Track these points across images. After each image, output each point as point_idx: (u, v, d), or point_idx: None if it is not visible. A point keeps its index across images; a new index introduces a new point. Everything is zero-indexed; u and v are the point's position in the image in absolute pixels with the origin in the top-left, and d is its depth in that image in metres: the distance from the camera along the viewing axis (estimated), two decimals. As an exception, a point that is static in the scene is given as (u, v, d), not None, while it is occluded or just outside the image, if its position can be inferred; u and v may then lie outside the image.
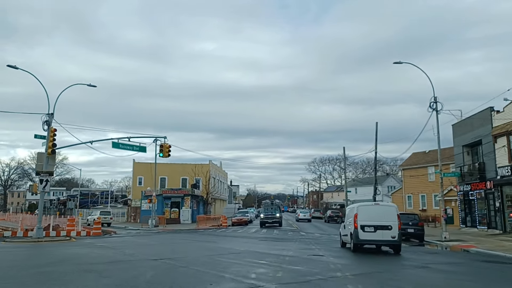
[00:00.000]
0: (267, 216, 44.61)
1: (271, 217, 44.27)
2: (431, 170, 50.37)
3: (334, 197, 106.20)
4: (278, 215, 44.89)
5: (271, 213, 44.97)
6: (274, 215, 44.58)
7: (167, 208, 54.45)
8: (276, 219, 44.17)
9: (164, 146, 28.06)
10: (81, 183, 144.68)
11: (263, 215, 45.48)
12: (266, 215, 44.90)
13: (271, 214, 44.73)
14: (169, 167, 68.85)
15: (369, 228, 17.77)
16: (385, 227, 17.75)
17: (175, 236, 30.46)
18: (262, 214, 46.84)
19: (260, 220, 45.60)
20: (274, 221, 43.96)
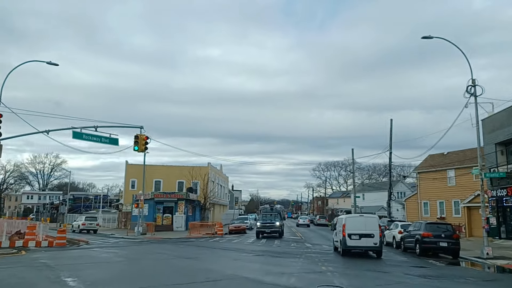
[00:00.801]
0: (265, 225, 36.13)
1: (270, 226, 35.75)
2: (451, 173, 44.66)
3: (340, 203, 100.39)
4: (278, 223, 36.11)
5: (269, 221, 36.26)
6: (273, 223, 35.88)
7: (159, 213, 48.94)
8: (276, 229, 35.75)
9: (140, 138, 22.58)
10: (82, 188, 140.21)
11: (260, 223, 36.92)
12: (264, 224, 36.38)
13: (269, 223, 36.04)
14: (164, 169, 63.54)
15: (355, 236, 20.68)
16: (368, 235, 20.62)
17: (155, 248, 24.97)
18: (258, 222, 37.86)
19: (256, 230, 37.19)
20: (273, 231, 35.66)
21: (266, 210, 42.34)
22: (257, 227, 36.89)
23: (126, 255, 19.45)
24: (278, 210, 43.96)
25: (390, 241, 28.76)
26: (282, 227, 37.72)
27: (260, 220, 38.44)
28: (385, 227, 32.00)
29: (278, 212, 40.88)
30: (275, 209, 44.48)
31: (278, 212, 40.88)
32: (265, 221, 36.81)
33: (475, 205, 36.27)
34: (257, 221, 39.69)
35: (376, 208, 74.97)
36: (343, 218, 22.29)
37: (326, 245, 28.48)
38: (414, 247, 23.06)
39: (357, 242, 20.73)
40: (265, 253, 22.03)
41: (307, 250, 24.35)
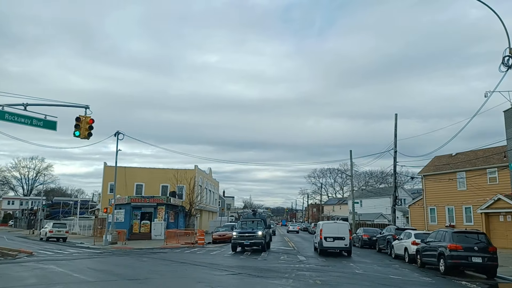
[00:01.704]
0: (243, 235, 26.90)
1: (250, 237, 26.66)
2: (461, 176, 39.38)
3: (335, 211, 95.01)
4: (260, 233, 26.84)
5: (250, 230, 27.25)
6: (254, 233, 26.82)
7: (136, 220, 43.30)
8: (257, 240, 26.56)
9: (83, 122, 16.99)
10: (70, 194, 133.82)
11: (236, 233, 27.31)
12: (242, 234, 27.06)
13: (249, 232, 26.97)
14: (147, 172, 58.04)
15: (330, 239, 25.53)
16: (340, 238, 25.45)
17: (105, 264, 19.51)
18: (235, 231, 28.20)
19: (232, 241, 27.56)
20: (254, 243, 26.67)
21: (247, 216, 33.21)
22: (233, 238, 27.23)
23: (46, 275, 13.96)
24: (262, 216, 32.21)
25: (401, 253, 23.36)
26: (266, 238, 28.55)
27: (237, 228, 28.89)
28: (392, 237, 26.58)
29: (262, 218, 30.48)
30: (259, 214, 33.33)
31: (262, 218, 30.48)
32: (244, 230, 27.71)
33: (495, 211, 31.02)
34: (233, 230, 29.86)
35: (374, 216, 69.54)
36: (320, 224, 27.82)
37: (324, 259, 22.98)
38: (436, 263, 17.67)
39: (331, 243, 25.55)
40: (244, 270, 16.58)
41: (299, 266, 18.89)
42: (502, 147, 37.56)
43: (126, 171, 54.80)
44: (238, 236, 26.88)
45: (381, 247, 29.61)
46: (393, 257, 25.02)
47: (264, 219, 31.19)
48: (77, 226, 58.41)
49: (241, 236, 26.83)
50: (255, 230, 27.10)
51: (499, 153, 36.67)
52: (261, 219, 30.31)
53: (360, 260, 23.10)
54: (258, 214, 34.03)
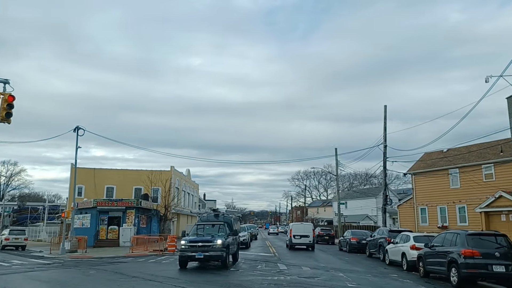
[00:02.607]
0: (194, 244, 18.54)
1: (204, 247, 18.33)
2: (454, 173, 36.29)
3: (320, 213, 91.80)
4: (220, 241, 18.40)
5: (206, 238, 18.90)
6: (211, 242, 18.41)
7: (103, 225, 39.10)
8: (216, 252, 18.24)
9: (1, 99, 13.01)
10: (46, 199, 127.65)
11: (186, 242, 18.81)
12: (194, 242, 18.70)
13: (204, 241, 18.61)
14: (119, 174, 53.66)
15: (297, 237, 32.07)
16: (305, 236, 31.91)
17: (37, 280, 15.57)
18: (183, 240, 19.32)
19: (179, 254, 19.37)
20: (211, 256, 18.35)
21: (206, 218, 22.30)
22: (181, 249, 18.99)
23: None
24: (227, 219, 22.12)
25: (397, 259, 19.91)
26: (231, 249, 19.77)
27: (190, 235, 20.14)
28: (386, 240, 23.13)
29: (226, 222, 21.47)
30: (223, 216, 22.64)
31: (226, 222, 21.47)
32: (199, 237, 19.22)
33: (496, 209, 27.84)
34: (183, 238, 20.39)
35: (360, 217, 66.40)
36: (290, 225, 35.87)
37: (307, 268, 19.33)
38: (445, 272, 14.26)
39: (298, 240, 31.85)
40: (208, 286, 12.84)
41: (278, 278, 15.26)
42: (498, 141, 34.66)
43: (96, 173, 50.54)
44: (187, 246, 18.32)
45: (372, 252, 26.21)
46: (387, 263, 21.58)
47: (229, 222, 21.53)
48: (44, 232, 53.72)
49: (192, 246, 18.24)
50: (213, 238, 18.40)
51: (495, 145, 33.76)
52: (225, 222, 21.19)
53: (351, 268, 19.57)
54: (222, 215, 22.63)
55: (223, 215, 22.83)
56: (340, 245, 33.93)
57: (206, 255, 18.22)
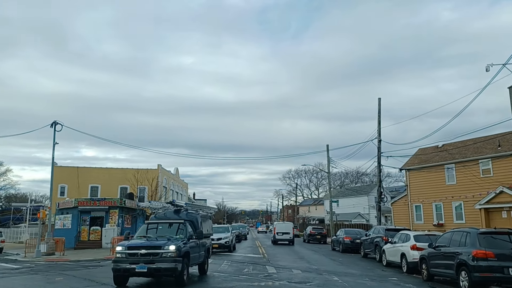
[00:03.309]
0: (136, 252, 12.60)
1: (150, 255, 12.44)
2: (450, 169, 34.79)
3: (311, 211, 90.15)
4: (173, 247, 12.55)
5: (156, 243, 12.94)
6: (160, 249, 12.54)
7: (85, 226, 37.02)
8: (166, 263, 12.35)
9: None
10: (34, 199, 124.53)
11: (123, 248, 12.92)
12: (134, 248, 12.73)
13: (149, 248, 12.64)
14: (104, 172, 51.52)
15: (280, 233, 38.37)
16: (286, 233, 38.27)
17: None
18: (119, 246, 13.35)
19: (112, 267, 12.94)
20: (158, 269, 12.32)
21: (163, 215, 16.32)
22: (115, 260, 13.17)
23: None
24: (191, 216, 15.95)
25: (396, 260, 18.20)
26: (192, 258, 13.96)
27: (134, 238, 14.55)
28: (382, 239, 21.44)
29: (189, 220, 15.53)
30: (186, 212, 16.16)
31: (189, 220, 15.53)
32: (144, 241, 13.63)
33: (496, 206, 26.33)
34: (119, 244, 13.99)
35: (352, 216, 64.86)
36: (274, 224, 45.20)
37: (298, 271, 17.53)
38: (454, 276, 12.58)
39: (281, 236, 38.19)
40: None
41: (265, 284, 13.47)
42: (495, 135, 33.26)
43: (80, 171, 48.36)
44: (124, 255, 12.67)
45: (367, 252, 24.52)
46: (384, 264, 19.89)
47: (193, 220, 15.50)
48: (26, 234, 51.33)
49: (132, 254, 12.55)
50: (164, 243, 12.72)
51: (492, 139, 32.32)
52: (188, 220, 15.16)
53: (345, 270, 17.84)
54: (185, 211, 16.15)
55: (186, 211, 16.00)
56: (332, 245, 32.24)
57: (151, 268, 12.11)
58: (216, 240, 26.45)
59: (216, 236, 26.23)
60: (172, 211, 16.23)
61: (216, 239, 26.19)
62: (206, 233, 17.04)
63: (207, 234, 17.27)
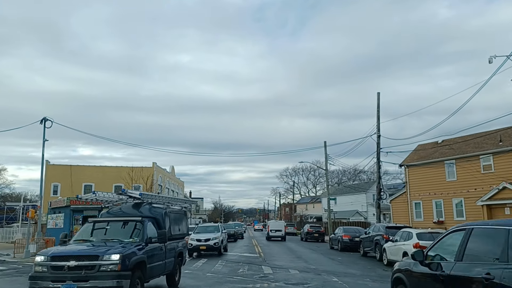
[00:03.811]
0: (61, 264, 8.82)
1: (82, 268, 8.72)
2: (450, 165, 34.06)
3: (309, 209, 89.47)
4: (114, 257, 8.88)
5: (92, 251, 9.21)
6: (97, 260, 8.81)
7: (78, 225, 35.95)
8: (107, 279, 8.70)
9: None
10: (30, 199, 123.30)
11: (44, 259, 9.09)
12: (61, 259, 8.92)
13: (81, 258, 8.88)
14: (98, 171, 50.61)
15: (273, 231, 42.63)
16: (279, 230, 42.44)
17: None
18: (40, 255, 9.37)
19: (29, 285, 8.94)
20: None
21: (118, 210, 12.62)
22: (32, 274, 9.11)
23: None
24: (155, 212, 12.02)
25: (397, 259, 17.28)
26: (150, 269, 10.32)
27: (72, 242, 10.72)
28: (382, 237, 20.64)
29: (151, 216, 11.65)
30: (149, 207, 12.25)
31: (151, 216, 11.65)
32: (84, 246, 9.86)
33: (499, 202, 25.59)
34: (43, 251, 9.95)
35: (350, 213, 64.18)
36: (268, 222, 53.44)
37: (296, 271, 16.70)
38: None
39: (274, 233, 42.45)
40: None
41: (261, 286, 12.62)
42: (496, 130, 32.55)
43: (73, 170, 47.42)
44: (46, 269, 9.01)
45: (366, 251, 23.73)
46: (385, 263, 19.09)
47: (157, 217, 11.83)
48: (19, 233, 50.36)
49: (56, 267, 8.94)
50: (102, 251, 9.14)
51: (492, 133, 31.60)
52: (149, 217, 11.49)
53: (345, 270, 17.03)
54: (148, 205, 12.41)
55: (150, 206, 12.23)
56: (331, 243, 31.43)
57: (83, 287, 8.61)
58: (204, 241, 23.63)
59: (203, 236, 24.06)
60: (131, 205, 12.38)
61: (203, 240, 23.68)
62: (178, 233, 13.20)
63: (178, 235, 13.13)
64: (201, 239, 23.73)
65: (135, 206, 12.30)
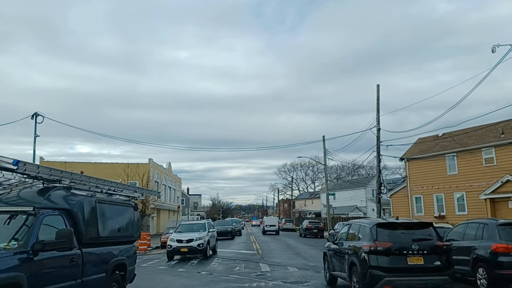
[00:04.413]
0: None
1: None
2: (451, 159, 33.46)
3: (307, 205, 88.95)
4: None
5: None
6: None
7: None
8: None
9: None
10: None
11: None
12: None
13: None
14: (92, 168, 49.51)
15: (268, 226, 47.91)
16: (273, 225, 47.79)
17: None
18: None
19: None
20: None
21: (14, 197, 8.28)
22: None
23: None
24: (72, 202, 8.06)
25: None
26: None
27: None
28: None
29: (62, 208, 7.75)
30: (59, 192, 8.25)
31: (62, 208, 7.75)
32: None
33: (503, 196, 25.01)
34: None
35: (349, 209, 63.61)
36: (264, 219, 58.18)
37: (295, 269, 16.03)
38: (469, 273, 11.22)
39: (269, 228, 47.74)
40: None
41: (257, 285, 11.96)
42: (498, 123, 31.95)
43: (67, 166, 46.18)
44: None
45: (367, 246, 23.02)
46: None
47: (73, 210, 7.86)
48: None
49: None
50: None
51: (495, 125, 31.00)
52: (61, 209, 7.70)
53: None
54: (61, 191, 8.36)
55: (66, 191, 8.41)
56: (330, 239, 30.85)
57: None
58: (186, 242, 20.03)
59: (185, 236, 20.46)
60: (37, 190, 8.52)
61: (185, 240, 20.11)
62: (117, 235, 9.34)
63: (115, 239, 9.25)
64: (182, 240, 20.17)
65: (42, 192, 8.32)
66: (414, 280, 8.80)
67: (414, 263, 8.87)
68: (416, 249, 8.91)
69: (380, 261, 8.93)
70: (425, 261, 8.90)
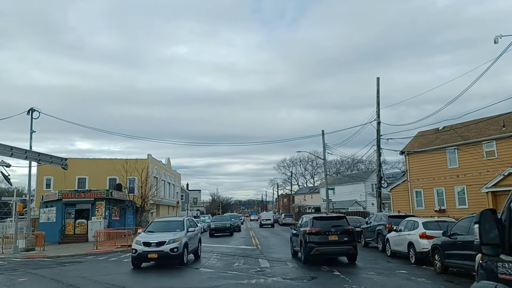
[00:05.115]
0: None
1: None
2: (451, 152, 33.07)
3: (307, 200, 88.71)
4: None
5: None
6: None
7: (70, 219, 35.03)
8: None
9: None
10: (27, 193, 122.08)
11: None
12: None
13: None
14: (91, 163, 49.38)
15: (264, 220, 55.29)
16: (268, 219, 55.03)
17: None
18: None
19: None
20: None
21: None
22: None
23: None
24: None
25: (402, 250, 16.38)
26: None
27: None
28: (385, 227, 19.66)
29: None
30: None
31: None
32: None
33: (504, 189, 24.61)
34: None
35: (348, 203, 63.32)
36: (260, 214, 71.91)
37: (295, 264, 15.67)
38: (475, 269, 10.66)
39: (265, 222, 54.25)
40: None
41: (257, 282, 11.60)
42: (499, 115, 31.55)
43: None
44: None
45: (368, 241, 22.74)
46: (388, 255, 18.08)
47: None
48: (13, 228, 49.29)
49: None
50: None
51: (496, 117, 30.59)
52: None
53: (348, 262, 15.99)
54: None
55: None
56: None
57: None
58: (155, 245, 15.56)
59: (155, 238, 16.01)
60: None
61: (154, 243, 15.60)
62: None
63: None
64: (150, 243, 15.63)
65: None
66: (332, 248, 14.93)
67: (332, 239, 14.94)
68: (333, 231, 15.01)
69: (313, 238, 14.89)
70: (338, 238, 14.93)
